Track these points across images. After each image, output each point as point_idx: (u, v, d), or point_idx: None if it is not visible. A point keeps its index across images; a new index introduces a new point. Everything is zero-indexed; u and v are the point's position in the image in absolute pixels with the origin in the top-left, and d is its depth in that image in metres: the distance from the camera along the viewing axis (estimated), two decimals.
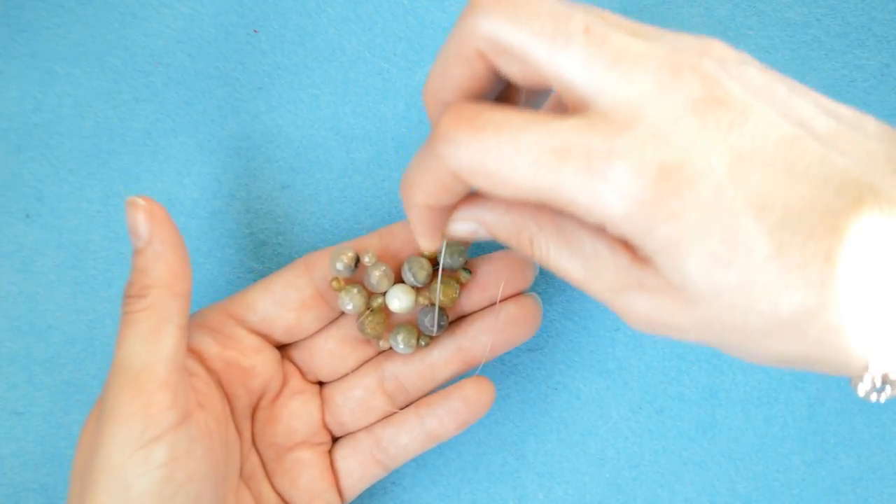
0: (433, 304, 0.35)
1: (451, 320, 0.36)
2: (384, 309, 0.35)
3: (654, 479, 0.39)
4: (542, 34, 0.24)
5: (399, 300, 0.35)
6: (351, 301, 0.35)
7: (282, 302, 0.35)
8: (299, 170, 0.39)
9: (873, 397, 0.25)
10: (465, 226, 0.29)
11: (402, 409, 0.36)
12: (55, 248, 0.39)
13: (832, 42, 0.40)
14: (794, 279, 0.24)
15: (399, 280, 0.36)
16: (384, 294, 0.35)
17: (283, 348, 0.36)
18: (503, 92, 0.29)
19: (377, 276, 0.35)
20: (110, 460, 0.29)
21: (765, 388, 0.39)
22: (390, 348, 0.36)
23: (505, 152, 0.24)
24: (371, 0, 0.39)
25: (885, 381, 0.25)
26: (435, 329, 0.35)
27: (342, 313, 0.36)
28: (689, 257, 0.24)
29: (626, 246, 0.26)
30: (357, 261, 0.34)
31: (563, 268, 0.27)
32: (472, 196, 0.28)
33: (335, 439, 0.37)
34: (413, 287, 0.35)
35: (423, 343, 0.35)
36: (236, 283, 0.39)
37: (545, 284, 0.39)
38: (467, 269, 0.35)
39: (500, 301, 0.35)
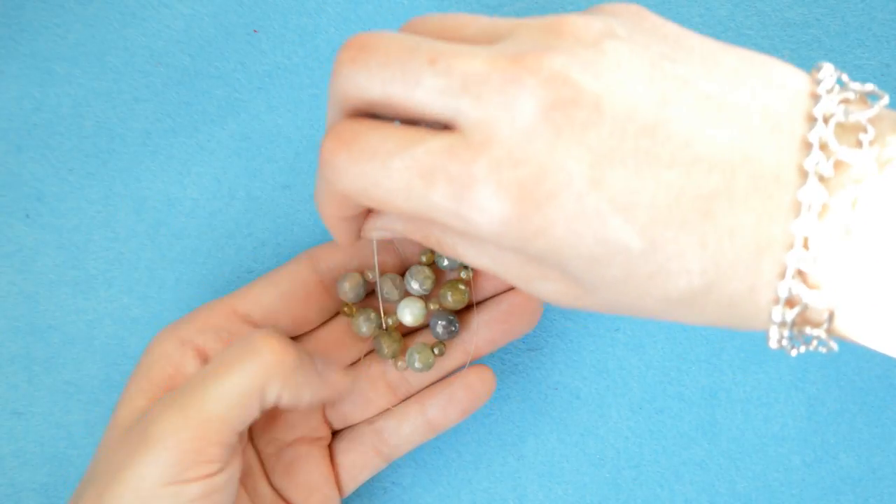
0: (443, 309, 0.35)
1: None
2: (398, 326, 0.36)
3: (654, 479, 0.39)
4: (393, 79, 0.25)
5: (410, 311, 0.35)
6: (364, 324, 0.35)
7: (287, 296, 0.35)
8: (299, 170, 0.39)
9: (793, 353, 0.26)
10: (378, 233, 0.30)
11: (403, 400, 0.36)
12: (55, 248, 0.39)
13: (832, 42, 0.40)
14: (675, 266, 0.24)
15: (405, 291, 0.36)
16: (395, 311, 0.35)
17: None
18: None
19: (389, 286, 0.35)
20: (142, 481, 0.29)
21: (765, 388, 0.39)
22: (407, 367, 0.36)
23: (380, 177, 0.25)
24: (371, 0, 0.40)
25: (796, 336, 0.25)
26: (447, 335, 0.35)
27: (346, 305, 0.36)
28: (569, 260, 0.24)
29: None
30: (364, 283, 0.35)
31: (473, 262, 0.28)
32: None
33: (335, 433, 0.37)
34: (420, 296, 0.35)
35: (437, 352, 0.35)
36: (236, 282, 0.39)
37: None
38: (466, 265, 0.35)
39: (501, 293, 0.36)
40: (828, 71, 0.25)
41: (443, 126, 0.25)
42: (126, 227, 0.39)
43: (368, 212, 0.30)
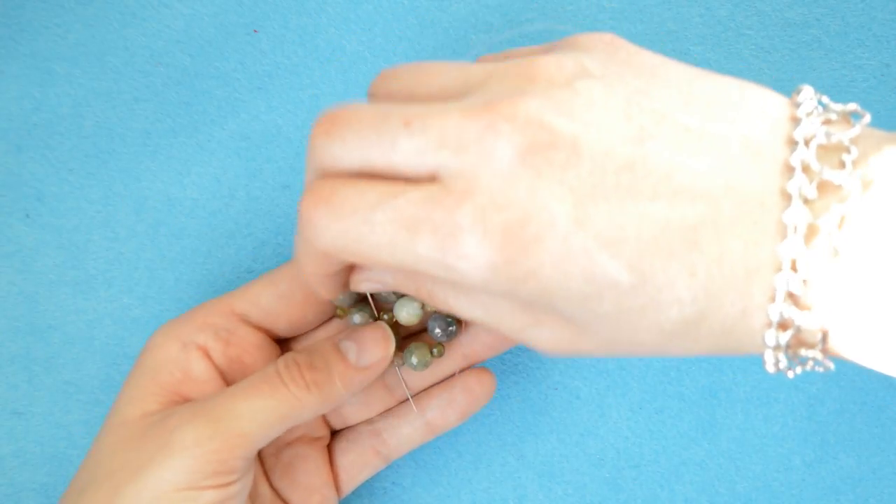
0: (440, 311, 0.35)
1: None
2: (395, 323, 0.36)
3: (654, 479, 0.39)
4: (370, 146, 0.25)
5: (406, 310, 0.35)
6: (358, 313, 0.35)
7: (285, 297, 0.35)
8: (299, 170, 0.39)
9: (790, 374, 0.26)
10: (367, 285, 0.29)
11: (402, 402, 0.36)
12: (55, 248, 0.39)
13: (832, 42, 0.40)
14: (665, 297, 0.24)
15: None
16: (391, 309, 0.35)
17: (283, 341, 0.36)
18: None
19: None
20: (161, 483, 0.29)
21: (765, 388, 0.39)
22: (403, 364, 0.36)
23: (363, 233, 0.25)
24: (371, 0, 0.40)
25: (792, 358, 0.25)
26: (445, 337, 0.35)
27: None
28: (560, 300, 0.24)
29: None
30: None
31: (466, 314, 0.27)
32: None
33: (334, 433, 0.37)
34: None
35: (436, 353, 0.35)
36: (236, 282, 0.39)
37: None
38: None
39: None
40: (807, 94, 0.25)
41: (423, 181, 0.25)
42: (126, 227, 0.39)
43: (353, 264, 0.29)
